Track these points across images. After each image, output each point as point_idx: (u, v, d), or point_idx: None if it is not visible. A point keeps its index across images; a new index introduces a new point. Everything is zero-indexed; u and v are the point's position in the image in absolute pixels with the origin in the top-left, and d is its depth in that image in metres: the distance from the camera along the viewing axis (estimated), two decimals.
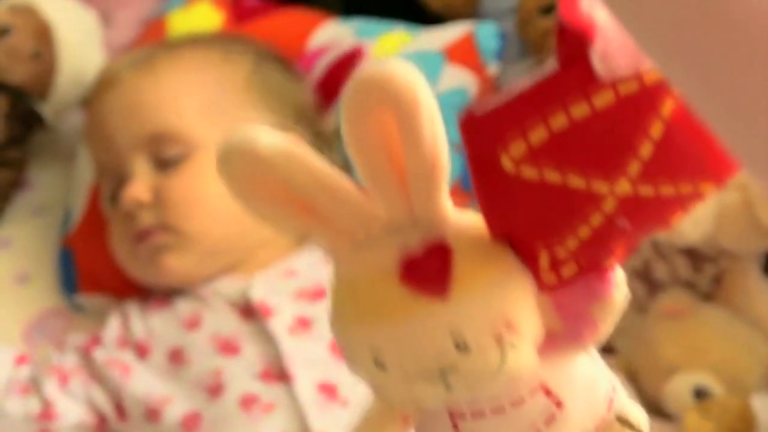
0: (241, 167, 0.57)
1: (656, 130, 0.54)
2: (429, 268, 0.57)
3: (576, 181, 0.55)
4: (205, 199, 1.14)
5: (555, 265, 0.58)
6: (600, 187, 0.55)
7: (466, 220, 0.58)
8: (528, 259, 0.58)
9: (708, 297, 1.21)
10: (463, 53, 1.29)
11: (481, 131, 0.55)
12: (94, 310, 1.27)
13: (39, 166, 1.39)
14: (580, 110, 0.53)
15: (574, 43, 0.53)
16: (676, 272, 1.19)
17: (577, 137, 0.54)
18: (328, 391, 1.06)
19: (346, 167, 1.34)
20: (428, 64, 1.28)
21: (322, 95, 1.29)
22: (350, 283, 0.59)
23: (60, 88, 1.31)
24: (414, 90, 0.54)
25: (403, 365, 0.57)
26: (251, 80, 1.21)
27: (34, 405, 1.13)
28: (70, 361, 1.15)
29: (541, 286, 0.58)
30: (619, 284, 0.59)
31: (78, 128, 1.32)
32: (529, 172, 0.55)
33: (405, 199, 0.57)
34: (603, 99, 0.53)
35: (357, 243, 0.58)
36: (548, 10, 1.30)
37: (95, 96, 1.23)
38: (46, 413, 1.12)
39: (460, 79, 1.28)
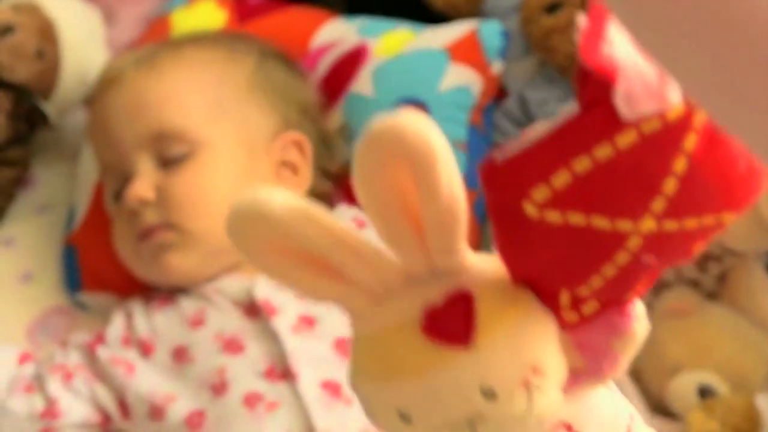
0: (255, 230, 0.56)
1: (680, 165, 0.54)
2: (452, 319, 0.56)
3: (601, 222, 0.54)
4: (209, 198, 1.14)
5: (576, 303, 0.57)
6: (625, 225, 0.55)
7: (485, 265, 0.57)
8: (549, 299, 0.57)
9: (713, 296, 1.20)
10: (466, 51, 1.29)
11: (502, 180, 0.55)
12: (97, 309, 1.27)
13: (42, 165, 1.39)
14: (603, 152, 0.53)
15: (596, 86, 0.53)
16: (680, 271, 1.19)
17: (601, 179, 0.54)
18: (333, 389, 1.06)
19: (349, 166, 1.34)
20: (432, 63, 1.28)
21: (326, 93, 1.29)
22: (371, 339, 0.58)
23: (63, 87, 1.31)
24: (428, 143, 0.53)
25: (430, 418, 0.56)
26: (255, 78, 1.21)
27: (37, 403, 1.13)
28: (73, 359, 1.15)
29: (563, 325, 0.58)
30: (638, 316, 0.59)
31: (81, 126, 1.32)
32: (553, 217, 0.54)
33: (423, 251, 0.56)
34: (626, 139, 0.53)
35: (375, 298, 0.57)
36: (552, 8, 1.30)
37: (98, 94, 1.23)
38: (50, 411, 1.12)
39: (463, 77, 1.28)
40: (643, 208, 0.54)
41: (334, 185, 1.26)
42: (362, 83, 1.29)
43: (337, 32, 1.36)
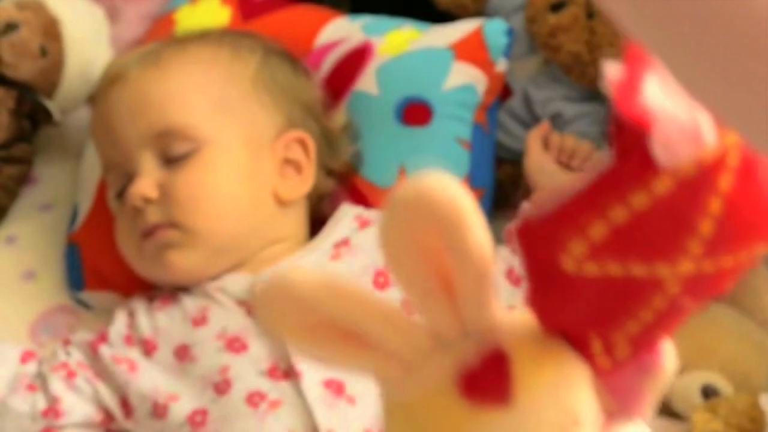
0: (284, 310, 0.56)
1: (715, 206, 0.54)
2: (488, 378, 0.55)
3: (638, 269, 0.54)
4: (213, 196, 1.14)
5: (609, 349, 0.57)
6: (662, 270, 0.54)
7: (515, 320, 0.57)
8: (581, 346, 0.57)
9: (716, 296, 1.20)
10: (471, 50, 1.29)
11: (539, 238, 0.54)
12: (100, 307, 1.27)
13: (46, 163, 1.39)
14: (639, 200, 0.53)
15: (631, 135, 0.52)
16: None
17: (638, 226, 0.53)
18: (335, 387, 1.06)
19: (352, 164, 1.34)
20: (436, 61, 1.28)
21: (330, 91, 1.29)
22: (406, 406, 0.57)
23: (67, 85, 1.31)
24: (456, 205, 0.52)
25: None
26: (259, 76, 1.20)
27: (39, 402, 1.13)
28: (76, 357, 1.14)
29: (597, 370, 0.57)
30: (667, 353, 0.59)
31: (85, 124, 1.32)
32: (590, 269, 0.54)
33: (454, 313, 0.55)
34: (662, 185, 0.53)
35: (407, 365, 0.56)
36: (556, 7, 1.30)
37: (102, 92, 1.22)
38: (52, 410, 1.12)
39: (468, 75, 1.27)
40: (680, 251, 0.54)
41: (338, 184, 1.26)
42: (366, 81, 1.28)
43: (342, 30, 1.35)
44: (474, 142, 1.27)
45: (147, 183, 1.14)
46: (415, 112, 1.26)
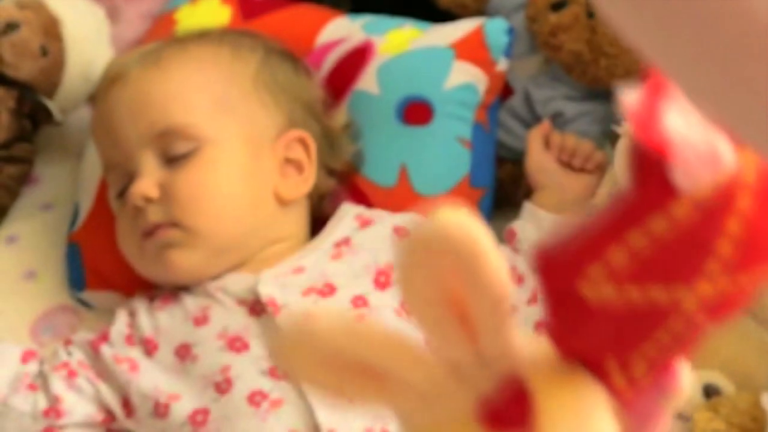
0: (303, 352, 0.56)
1: (734, 226, 0.54)
2: (509, 407, 0.55)
3: (658, 293, 0.54)
4: (214, 196, 1.14)
5: (626, 371, 0.57)
6: (681, 293, 0.55)
7: (532, 346, 0.57)
8: (598, 370, 0.57)
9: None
10: (472, 49, 1.28)
11: (558, 265, 0.55)
12: (101, 307, 1.27)
13: (47, 162, 1.39)
14: (659, 225, 0.53)
15: (650, 162, 0.52)
16: None
17: (658, 251, 0.53)
18: None
19: (353, 163, 1.34)
20: (437, 60, 1.28)
21: (331, 91, 1.28)
22: None
23: (68, 84, 1.31)
24: (473, 239, 0.53)
25: None
26: (260, 76, 1.20)
27: (41, 401, 1.13)
28: (77, 357, 1.14)
29: (613, 392, 0.57)
30: (684, 371, 0.59)
31: (86, 124, 1.32)
32: (610, 294, 0.54)
33: (472, 343, 0.55)
34: (681, 210, 0.53)
35: (425, 397, 0.56)
36: (557, 6, 1.30)
37: (103, 92, 1.22)
38: (53, 409, 1.12)
39: (468, 75, 1.27)
40: (699, 273, 0.54)
41: (339, 183, 1.26)
42: (367, 81, 1.28)
43: (343, 30, 1.35)
44: (475, 141, 1.27)
45: (148, 183, 1.14)
46: (416, 112, 1.26)
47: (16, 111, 1.31)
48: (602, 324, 0.55)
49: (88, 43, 1.32)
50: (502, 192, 1.32)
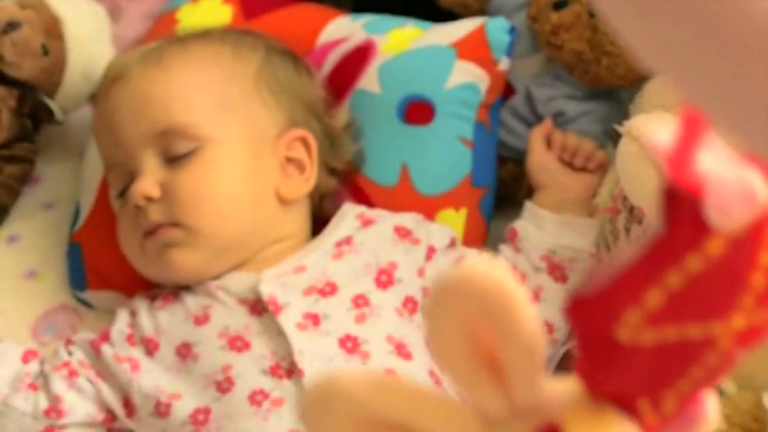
0: (333, 413, 0.56)
1: (767, 258, 0.54)
2: None
3: (693, 331, 0.54)
4: (215, 195, 1.14)
5: (657, 406, 0.57)
6: (716, 328, 0.55)
7: (562, 389, 0.57)
8: (629, 407, 0.57)
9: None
10: (473, 48, 1.28)
11: (593, 313, 0.54)
12: (102, 307, 1.27)
13: (48, 162, 1.39)
14: (693, 263, 0.53)
15: (684, 202, 0.52)
16: None
17: (693, 289, 0.53)
18: None
19: (355, 163, 1.34)
20: (438, 59, 1.28)
21: (332, 90, 1.28)
22: None
23: (69, 84, 1.31)
24: (505, 289, 0.52)
25: None
26: (261, 75, 1.20)
27: (41, 401, 1.13)
28: (78, 357, 1.14)
29: (644, 428, 0.57)
30: (711, 400, 0.59)
31: (87, 123, 1.32)
32: (647, 337, 0.54)
33: (505, 395, 0.55)
34: (715, 246, 0.53)
35: None
36: (559, 5, 1.30)
37: (104, 91, 1.22)
38: (54, 409, 1.12)
39: (470, 74, 1.27)
40: (734, 307, 0.55)
41: (340, 183, 1.26)
42: (369, 80, 1.28)
43: (344, 29, 1.35)
44: (476, 140, 1.27)
45: (149, 182, 1.14)
46: (418, 111, 1.26)
47: (17, 110, 1.31)
48: (637, 365, 0.55)
49: (90, 42, 1.32)
50: (504, 191, 1.32)
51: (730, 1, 0.43)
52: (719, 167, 0.52)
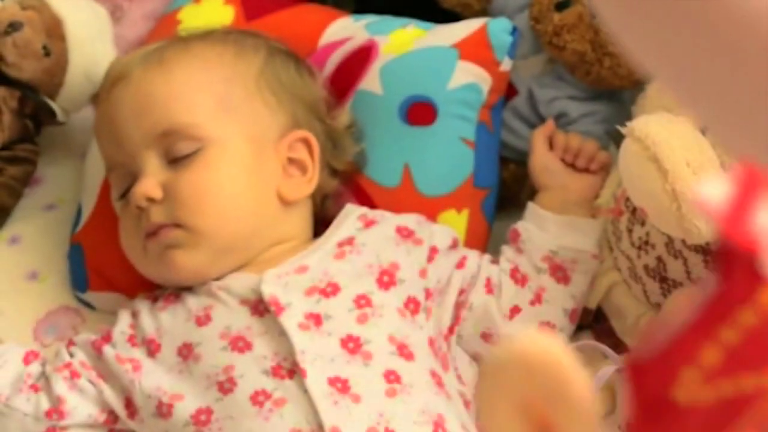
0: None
1: None
2: None
3: (747, 383, 0.55)
4: (217, 196, 1.14)
5: None
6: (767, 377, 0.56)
7: None
8: None
9: None
10: (475, 49, 1.28)
11: (651, 375, 0.55)
12: (104, 308, 1.27)
13: (49, 163, 1.39)
14: (747, 317, 0.54)
15: (738, 258, 0.53)
16: (690, 270, 1.18)
17: (747, 342, 0.54)
18: (340, 385, 1.05)
19: (357, 164, 1.34)
20: (441, 60, 1.28)
21: (334, 91, 1.28)
22: None
23: (71, 84, 1.31)
24: (558, 361, 0.53)
25: None
26: (263, 76, 1.20)
27: (43, 402, 1.13)
28: (79, 358, 1.14)
29: None
30: None
31: (89, 124, 1.32)
32: (704, 395, 0.54)
33: None
34: (767, 297, 0.54)
35: None
36: (561, 5, 1.30)
37: (106, 92, 1.22)
38: (56, 410, 1.12)
39: (472, 75, 1.27)
40: None
41: (342, 183, 1.25)
42: (371, 81, 1.28)
43: (346, 30, 1.35)
44: (478, 141, 1.27)
45: (151, 183, 1.14)
46: (420, 112, 1.26)
47: (18, 111, 1.31)
48: (692, 422, 0.56)
49: (91, 43, 1.32)
50: (506, 192, 1.32)
51: (728, 4, 0.43)
52: None
